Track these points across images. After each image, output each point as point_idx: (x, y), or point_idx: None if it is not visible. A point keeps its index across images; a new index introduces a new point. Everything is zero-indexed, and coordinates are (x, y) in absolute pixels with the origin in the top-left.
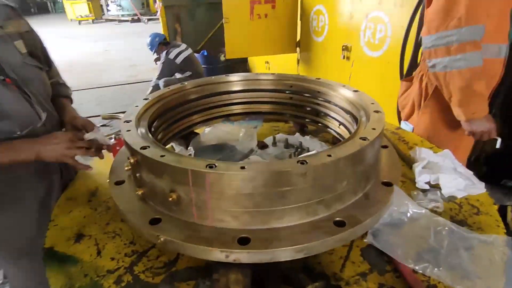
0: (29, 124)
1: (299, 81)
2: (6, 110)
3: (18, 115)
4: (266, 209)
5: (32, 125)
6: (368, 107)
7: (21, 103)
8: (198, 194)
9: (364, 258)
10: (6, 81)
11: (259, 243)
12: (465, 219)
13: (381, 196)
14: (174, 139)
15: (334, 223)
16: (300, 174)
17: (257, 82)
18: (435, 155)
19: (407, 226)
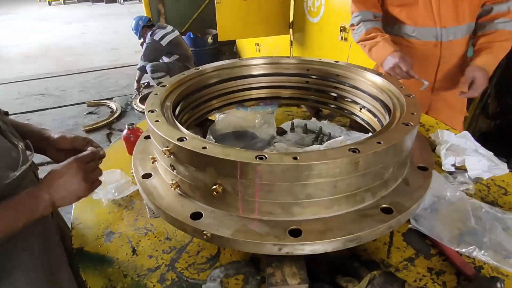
0: (13, 163)
1: (318, 65)
2: None
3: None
4: (315, 200)
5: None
6: (396, 91)
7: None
8: (246, 187)
9: (407, 243)
10: None
11: (311, 235)
12: (495, 200)
13: (420, 181)
14: (190, 128)
15: (381, 210)
16: (353, 162)
17: (278, 65)
18: (456, 137)
19: (445, 209)
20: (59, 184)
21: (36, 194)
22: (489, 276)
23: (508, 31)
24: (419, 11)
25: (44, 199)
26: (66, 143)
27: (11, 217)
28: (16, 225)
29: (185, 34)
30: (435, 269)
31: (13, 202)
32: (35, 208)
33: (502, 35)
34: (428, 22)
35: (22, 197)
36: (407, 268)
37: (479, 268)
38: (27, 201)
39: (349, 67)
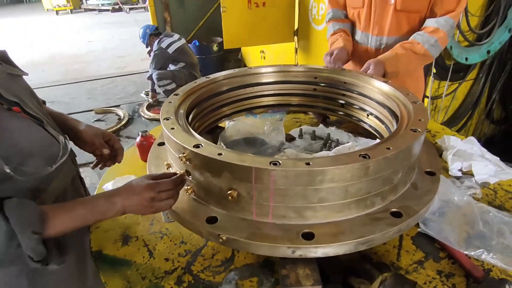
0: (55, 155)
1: (325, 72)
2: (27, 147)
3: (41, 148)
4: (327, 204)
5: (58, 155)
6: (403, 98)
7: (36, 131)
8: (260, 192)
9: (417, 246)
10: (14, 109)
11: (323, 238)
12: (502, 204)
13: (428, 185)
14: (201, 134)
15: (391, 214)
16: (363, 168)
17: (286, 74)
18: (462, 142)
19: (453, 213)
20: (134, 199)
21: (113, 200)
22: (497, 278)
23: (416, 41)
24: (363, 16)
25: (118, 206)
26: (88, 137)
27: (86, 215)
28: (87, 222)
29: (191, 42)
30: (444, 272)
31: (90, 202)
32: (108, 211)
33: (411, 42)
34: (368, 29)
35: (99, 199)
36: (417, 271)
37: (488, 271)
38: (103, 204)
39: (357, 74)
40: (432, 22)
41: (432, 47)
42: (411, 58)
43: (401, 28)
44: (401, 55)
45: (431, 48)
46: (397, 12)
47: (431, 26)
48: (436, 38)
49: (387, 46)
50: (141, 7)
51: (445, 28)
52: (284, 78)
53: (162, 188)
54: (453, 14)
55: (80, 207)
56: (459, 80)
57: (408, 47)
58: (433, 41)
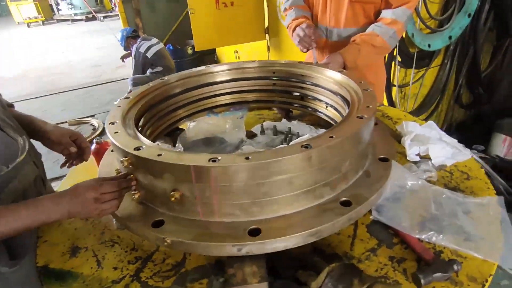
0: (13, 156)
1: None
2: None
3: None
4: (274, 198)
5: (17, 156)
6: (355, 86)
7: None
8: (203, 191)
9: (371, 234)
10: None
11: (270, 233)
12: (457, 185)
13: (381, 172)
14: (159, 138)
15: (340, 203)
16: (305, 158)
17: (241, 70)
18: (421, 127)
19: (408, 198)
20: (78, 200)
21: (58, 201)
22: (447, 260)
23: (375, 33)
24: (320, 8)
25: (62, 208)
26: (55, 136)
27: (29, 216)
28: (32, 224)
29: (165, 46)
30: (396, 257)
31: (34, 203)
32: (53, 213)
33: (370, 35)
34: (325, 21)
35: (44, 200)
36: (369, 259)
37: (439, 253)
38: (47, 205)
39: (312, 66)
40: (389, 14)
41: (391, 38)
42: (370, 50)
43: (358, 19)
44: (360, 49)
45: (390, 40)
46: (352, 3)
47: (388, 18)
48: (395, 29)
49: (344, 37)
50: (116, 15)
51: (402, 19)
52: (240, 75)
53: (105, 190)
54: (409, 5)
55: (23, 208)
56: (424, 67)
57: (367, 39)
58: (392, 33)
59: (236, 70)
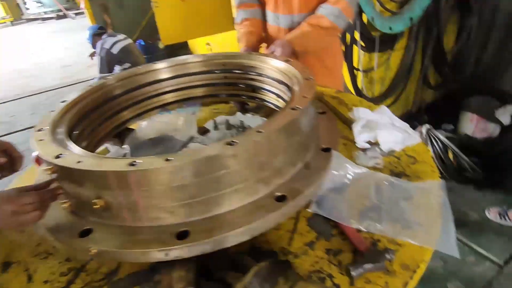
0: None
1: (230, 59)
2: None
3: None
4: (202, 198)
5: None
6: (299, 76)
7: None
8: (126, 196)
9: (311, 227)
10: None
11: (199, 234)
12: (404, 170)
13: (321, 163)
14: (107, 140)
15: (275, 199)
16: (230, 156)
17: (185, 66)
18: (373, 113)
19: (351, 188)
20: None
21: None
22: (382, 249)
23: (321, 14)
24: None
25: None
26: None
27: None
28: None
29: (135, 42)
30: (333, 250)
31: None
32: None
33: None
34: (277, 9)
35: None
36: (306, 253)
37: (376, 242)
38: None
39: (262, 57)
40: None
41: (337, 18)
42: (320, 33)
43: (309, 4)
44: (308, 32)
45: (337, 20)
46: None
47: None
48: (339, 8)
49: (298, 24)
50: None
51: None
52: (186, 71)
53: (26, 201)
54: None
55: None
56: (389, 50)
57: (314, 22)
58: (337, 12)
59: (182, 66)
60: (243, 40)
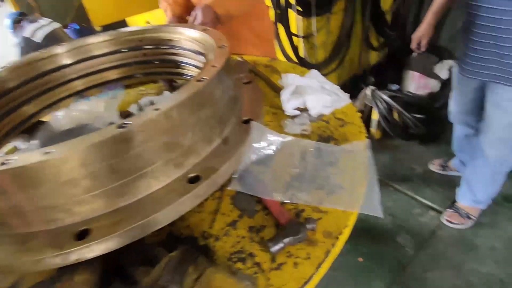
0: None
1: (144, 33)
2: None
3: None
4: (101, 191)
5: None
6: (214, 44)
7: None
8: (7, 200)
9: (234, 205)
10: None
11: (101, 231)
12: (332, 134)
13: (240, 137)
14: (13, 138)
15: (188, 181)
16: (123, 140)
17: (89, 47)
18: (302, 78)
19: (276, 159)
20: None
21: None
22: (304, 219)
23: None
24: None
25: None
26: None
27: None
28: None
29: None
30: (256, 227)
31: None
32: None
33: None
34: None
35: None
36: (228, 234)
37: (300, 212)
38: None
39: (173, 27)
40: None
41: None
42: None
43: None
44: None
45: None
46: None
47: None
48: None
49: None
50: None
51: None
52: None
53: None
54: None
55: None
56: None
57: None
58: None
59: (87, 47)
60: (168, 11)
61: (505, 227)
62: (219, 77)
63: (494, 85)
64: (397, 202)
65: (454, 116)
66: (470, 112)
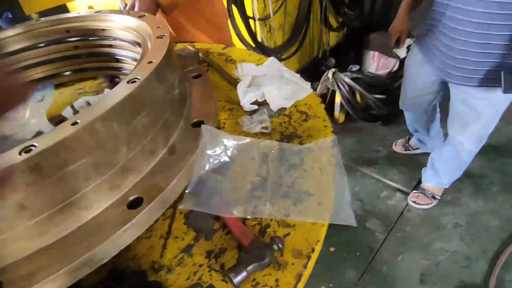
0: None
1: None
2: None
3: None
4: (10, 233)
5: None
6: (151, 34)
7: None
8: None
9: (189, 225)
10: None
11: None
12: (295, 130)
13: (189, 144)
14: None
15: (128, 205)
16: (30, 168)
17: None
18: (260, 67)
19: (234, 166)
20: None
21: None
22: (271, 237)
23: None
24: None
25: None
26: None
27: None
28: None
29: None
30: (214, 251)
31: None
32: None
33: None
34: None
35: None
36: (182, 263)
37: (265, 229)
38: None
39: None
40: None
41: None
42: None
43: None
44: None
45: None
46: None
47: None
48: None
49: None
50: None
51: None
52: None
53: None
54: None
55: None
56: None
57: None
58: None
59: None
60: None
61: (467, 203)
62: (157, 75)
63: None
64: (364, 187)
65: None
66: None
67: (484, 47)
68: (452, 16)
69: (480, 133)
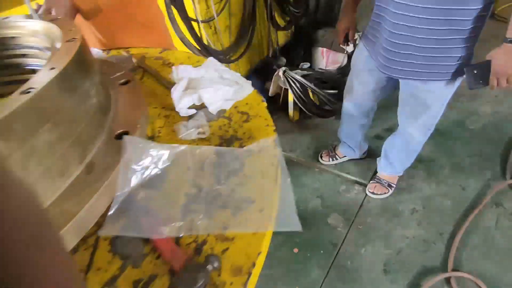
0: None
1: None
2: None
3: None
4: None
5: None
6: (61, 37)
7: None
8: None
9: (114, 252)
10: None
11: None
12: (235, 133)
13: (111, 158)
14: None
15: None
16: None
17: None
18: (196, 69)
19: (166, 178)
20: None
21: None
22: (204, 258)
23: None
24: None
25: None
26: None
27: None
28: None
29: None
30: (143, 279)
31: None
32: None
33: None
34: None
35: None
36: None
37: (201, 246)
38: None
39: (10, 20)
40: None
41: None
42: None
43: None
44: None
45: None
46: None
47: None
48: None
49: None
50: None
51: None
52: None
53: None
54: None
55: None
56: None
57: None
58: None
59: None
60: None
61: (420, 188)
62: (61, 83)
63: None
64: (323, 183)
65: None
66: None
67: (427, 42)
68: (395, 12)
69: (429, 124)
